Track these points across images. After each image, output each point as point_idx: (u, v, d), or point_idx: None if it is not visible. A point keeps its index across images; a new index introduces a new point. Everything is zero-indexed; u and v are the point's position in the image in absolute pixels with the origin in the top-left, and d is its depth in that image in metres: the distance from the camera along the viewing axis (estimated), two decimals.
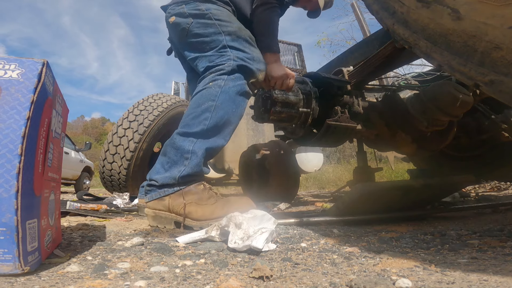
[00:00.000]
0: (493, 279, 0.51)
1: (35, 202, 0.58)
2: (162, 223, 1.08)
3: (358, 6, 2.52)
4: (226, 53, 1.16)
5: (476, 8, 0.62)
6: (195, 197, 1.06)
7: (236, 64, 1.14)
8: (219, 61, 1.16)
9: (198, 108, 1.11)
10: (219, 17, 1.22)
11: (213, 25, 1.20)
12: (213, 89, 1.12)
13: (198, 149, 1.09)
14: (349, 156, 9.62)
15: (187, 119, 1.12)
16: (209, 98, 1.11)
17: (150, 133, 2.34)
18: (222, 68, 1.14)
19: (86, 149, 7.97)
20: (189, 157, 1.08)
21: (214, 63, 1.16)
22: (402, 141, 1.49)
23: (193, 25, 1.22)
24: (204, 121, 1.09)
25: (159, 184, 1.08)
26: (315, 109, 1.42)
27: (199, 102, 1.12)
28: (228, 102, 1.12)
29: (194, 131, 1.09)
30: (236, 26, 1.23)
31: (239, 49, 1.18)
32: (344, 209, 1.17)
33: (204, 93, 1.12)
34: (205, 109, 1.10)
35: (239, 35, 1.21)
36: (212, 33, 1.19)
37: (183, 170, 1.07)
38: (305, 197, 3.36)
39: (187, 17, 1.23)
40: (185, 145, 1.08)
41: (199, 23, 1.21)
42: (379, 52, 1.29)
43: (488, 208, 1.47)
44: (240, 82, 1.15)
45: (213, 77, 1.14)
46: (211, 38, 1.19)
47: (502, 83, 0.62)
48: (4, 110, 0.54)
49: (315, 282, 0.53)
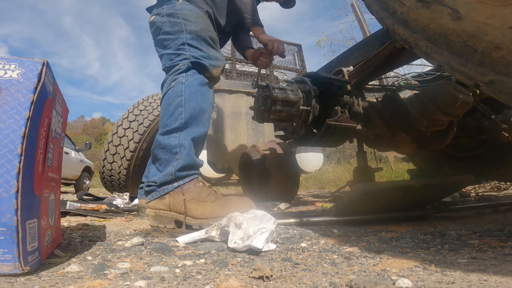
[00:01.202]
0: (493, 279, 0.51)
1: (35, 202, 0.58)
2: (162, 222, 1.08)
3: (358, 6, 2.52)
4: (183, 51, 1.24)
5: (476, 8, 0.62)
6: (195, 194, 1.08)
7: (191, 61, 1.22)
8: (176, 60, 1.24)
9: (170, 107, 1.17)
10: (186, 16, 1.30)
11: (179, 24, 1.28)
12: (177, 86, 1.19)
13: (184, 141, 1.14)
14: (349, 156, 9.62)
15: (164, 120, 1.18)
16: (176, 95, 1.18)
17: (150, 133, 2.34)
18: (179, 68, 1.22)
19: (86, 149, 7.97)
20: (178, 150, 1.12)
21: (172, 63, 1.24)
22: (402, 141, 1.49)
23: (165, 24, 1.30)
24: (180, 116, 1.15)
25: (158, 183, 1.11)
26: (315, 107, 1.42)
27: (169, 101, 1.18)
28: (194, 93, 1.19)
29: (174, 127, 1.14)
30: (199, 26, 1.30)
31: (197, 48, 1.26)
32: (344, 209, 1.16)
33: (170, 92, 1.19)
34: (177, 105, 1.16)
35: (199, 34, 1.28)
36: (177, 31, 1.27)
37: (177, 164, 1.11)
38: (305, 197, 3.36)
39: (163, 16, 1.31)
40: (170, 141, 1.13)
41: (169, 22, 1.29)
42: (379, 52, 1.29)
43: (488, 208, 1.47)
44: (198, 76, 1.23)
45: (172, 77, 1.21)
46: (175, 35, 1.27)
47: (502, 83, 0.62)
48: (4, 110, 0.54)
49: (315, 282, 0.53)
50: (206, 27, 1.34)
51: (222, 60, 1.34)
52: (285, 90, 1.39)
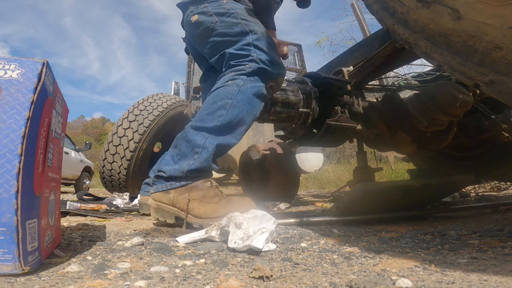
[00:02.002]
0: (493, 279, 0.51)
1: (35, 202, 0.58)
2: (163, 216, 1.07)
3: (358, 6, 2.52)
4: (250, 51, 1.17)
5: (476, 8, 0.62)
6: (200, 194, 1.06)
7: (257, 66, 1.15)
8: (242, 60, 1.17)
9: (214, 105, 1.12)
10: (245, 16, 1.23)
11: (239, 24, 1.20)
12: (231, 87, 1.13)
13: (209, 144, 1.09)
14: (349, 156, 9.63)
15: (202, 114, 1.13)
16: (226, 96, 1.12)
17: (150, 133, 2.34)
18: (243, 69, 1.15)
19: (86, 149, 7.98)
20: (200, 151, 1.08)
21: (236, 62, 1.17)
22: (402, 141, 1.49)
23: (218, 24, 1.21)
24: (218, 118, 1.10)
25: (166, 175, 1.07)
26: (315, 109, 1.42)
27: (216, 98, 1.13)
28: (244, 102, 1.13)
29: (208, 126, 1.10)
30: (262, 27, 1.24)
31: (263, 50, 1.18)
32: (344, 209, 1.17)
33: (222, 90, 1.13)
34: (221, 106, 1.11)
35: (264, 35, 1.22)
36: (238, 32, 1.19)
37: (192, 164, 1.07)
38: (305, 197, 3.36)
39: (211, 15, 1.22)
40: (197, 139, 1.09)
41: (224, 22, 1.21)
42: (379, 52, 1.30)
43: (488, 208, 1.47)
44: (258, 84, 1.16)
45: (232, 76, 1.15)
46: (236, 38, 1.19)
47: (502, 83, 0.62)
48: (4, 110, 0.54)
49: (315, 282, 0.53)
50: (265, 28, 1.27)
51: (284, 68, 1.27)
52: (285, 91, 1.39)
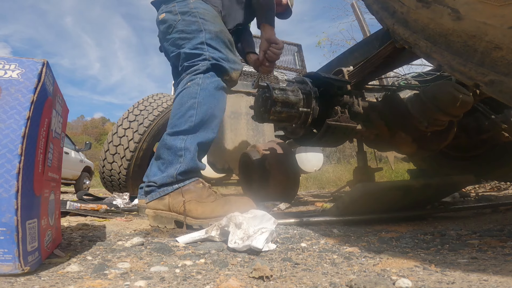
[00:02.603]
0: (493, 279, 0.51)
1: (35, 202, 0.58)
2: (162, 222, 1.08)
3: (358, 6, 2.52)
4: (203, 51, 1.22)
5: (476, 8, 0.62)
6: (195, 195, 1.07)
7: (211, 63, 1.20)
8: (195, 60, 1.21)
9: (182, 107, 1.16)
10: (203, 15, 1.28)
11: (196, 23, 1.25)
12: (192, 88, 1.17)
13: (190, 145, 1.12)
14: (349, 156, 9.62)
15: (174, 120, 1.16)
16: (190, 96, 1.16)
17: (150, 133, 2.33)
18: (198, 68, 1.20)
19: (86, 149, 7.97)
20: (183, 153, 1.11)
21: (190, 62, 1.22)
22: (402, 141, 1.49)
23: (180, 22, 1.27)
24: (190, 118, 1.14)
25: (158, 184, 1.10)
26: (315, 108, 1.41)
27: (182, 101, 1.17)
28: (209, 97, 1.18)
29: (183, 129, 1.13)
30: (218, 27, 1.29)
31: (216, 49, 1.24)
32: (344, 209, 1.16)
33: (185, 92, 1.18)
34: (189, 107, 1.15)
35: (219, 35, 1.26)
36: (194, 30, 1.25)
37: (179, 167, 1.10)
38: (305, 197, 3.36)
39: (176, 14, 1.28)
40: (176, 143, 1.12)
41: (185, 20, 1.26)
42: (379, 52, 1.29)
43: (488, 208, 1.47)
44: (216, 79, 1.21)
45: (190, 78, 1.19)
46: (192, 35, 1.24)
47: (502, 83, 0.62)
48: (4, 110, 0.54)
49: (315, 282, 0.53)
50: (224, 28, 1.32)
51: (240, 64, 1.32)
52: (285, 91, 1.39)
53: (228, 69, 1.24)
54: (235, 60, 1.29)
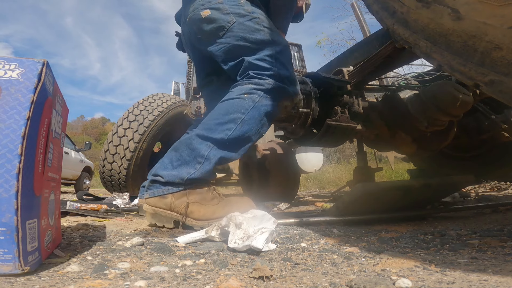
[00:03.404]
0: (493, 279, 0.51)
1: (35, 202, 0.58)
2: (161, 221, 1.06)
3: (358, 6, 2.52)
4: (271, 64, 1.13)
5: (476, 8, 0.62)
6: (199, 197, 1.05)
7: (277, 84, 1.12)
8: (262, 73, 1.12)
9: (225, 116, 1.08)
10: (268, 24, 1.18)
11: (262, 32, 1.15)
12: (247, 101, 1.09)
13: (213, 156, 1.06)
14: (349, 156, 9.63)
15: (211, 123, 1.09)
16: (239, 109, 1.08)
17: (150, 133, 2.34)
18: (262, 84, 1.11)
19: (86, 149, 7.98)
20: (202, 161, 1.06)
21: (255, 73, 1.12)
22: (402, 141, 1.49)
23: (236, 26, 1.14)
24: (227, 131, 1.07)
25: (164, 180, 1.05)
26: (315, 109, 1.42)
27: (229, 110, 1.09)
28: (255, 119, 1.10)
29: (214, 137, 1.07)
30: (285, 40, 1.19)
31: (284, 65, 1.15)
32: (344, 209, 1.17)
33: (237, 102, 1.09)
34: (232, 119, 1.08)
35: (287, 49, 1.18)
36: (260, 40, 1.14)
37: (192, 173, 1.05)
38: (305, 197, 3.36)
39: (228, 14, 1.15)
40: (201, 148, 1.06)
41: (244, 25, 1.15)
42: (379, 52, 1.30)
43: (488, 208, 1.47)
44: (274, 103, 1.13)
45: (249, 89, 1.10)
46: (258, 46, 1.14)
47: (502, 83, 0.62)
48: (4, 110, 0.54)
49: (315, 282, 0.53)
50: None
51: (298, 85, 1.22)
52: None
53: (292, 93, 1.16)
54: (296, 81, 1.19)
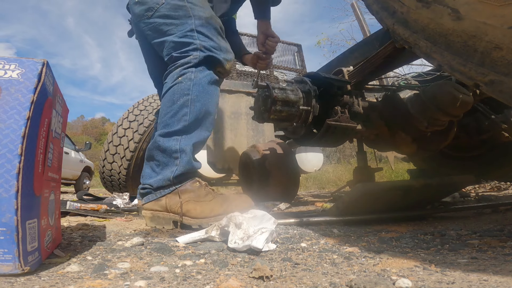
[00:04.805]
0: (493, 279, 0.51)
1: (35, 202, 0.58)
2: (160, 223, 1.07)
3: (358, 6, 2.52)
4: (193, 39, 1.13)
5: (476, 8, 0.62)
6: (192, 195, 1.06)
7: (203, 55, 1.12)
8: (186, 50, 1.12)
9: (174, 105, 1.09)
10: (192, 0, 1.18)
11: (184, 7, 1.16)
12: (184, 83, 1.10)
13: (185, 146, 1.08)
14: (349, 156, 9.63)
15: (166, 119, 1.10)
16: (182, 93, 1.09)
17: (150, 133, 2.34)
18: (189, 61, 1.11)
19: (86, 149, 7.98)
20: (179, 156, 1.07)
21: (180, 53, 1.13)
22: (402, 141, 1.49)
23: (163, 6, 1.16)
24: (184, 117, 1.08)
25: (154, 187, 1.07)
26: (315, 106, 1.41)
27: (173, 98, 1.10)
28: (202, 93, 1.11)
29: (176, 129, 1.08)
30: (208, 12, 1.20)
31: (207, 36, 1.15)
32: (344, 209, 1.16)
33: (176, 88, 1.10)
34: (182, 105, 1.08)
35: (209, 21, 1.17)
36: (181, 15, 1.15)
37: (175, 170, 1.06)
38: (305, 197, 3.36)
39: None
40: (171, 145, 1.07)
41: (169, 3, 1.16)
42: (379, 52, 1.29)
43: (488, 208, 1.47)
44: (209, 72, 1.14)
45: (180, 71, 1.11)
46: (180, 20, 1.15)
47: (502, 83, 0.62)
48: (4, 110, 0.54)
49: (315, 282, 0.53)
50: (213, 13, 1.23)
51: (232, 53, 1.24)
52: (285, 90, 1.39)
53: (222, 60, 1.16)
54: (227, 49, 1.20)
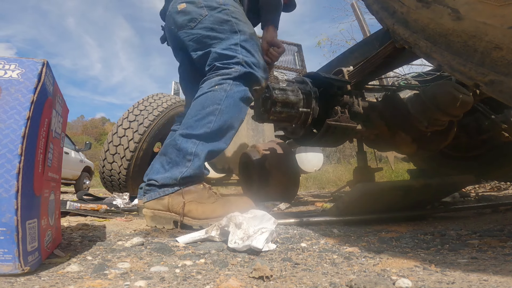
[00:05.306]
0: (493, 279, 0.51)
1: (35, 202, 0.58)
2: (161, 223, 1.07)
3: (358, 6, 2.52)
4: (236, 52, 1.16)
5: (476, 8, 0.62)
6: (195, 196, 1.06)
7: (244, 70, 1.14)
8: (228, 62, 1.15)
9: (202, 111, 1.11)
10: (236, 14, 1.22)
11: (230, 22, 1.19)
12: (219, 92, 1.11)
13: (201, 152, 1.09)
14: (349, 156, 9.63)
15: (191, 121, 1.11)
16: (214, 101, 1.11)
17: (150, 133, 2.34)
18: (229, 73, 1.13)
19: (86, 149, 7.98)
20: (192, 159, 1.08)
21: (221, 63, 1.15)
22: (402, 141, 1.49)
23: (207, 18, 1.19)
24: (208, 124, 1.09)
25: (159, 184, 1.08)
26: (315, 109, 1.42)
27: (204, 104, 1.11)
28: (232, 107, 1.12)
29: (198, 133, 1.09)
30: (251, 29, 1.24)
31: (249, 52, 1.18)
32: (344, 209, 1.17)
33: (210, 95, 1.12)
34: (210, 112, 1.10)
35: (252, 37, 1.21)
36: (227, 30, 1.18)
37: (185, 171, 1.07)
38: (305, 197, 3.36)
39: (201, 7, 1.20)
40: (188, 146, 1.08)
41: (213, 16, 1.19)
42: (379, 52, 1.29)
43: (488, 208, 1.47)
44: (244, 88, 1.15)
45: (218, 80, 1.13)
46: (225, 34, 1.18)
47: (502, 83, 0.62)
48: (4, 110, 0.54)
49: (315, 282, 0.53)
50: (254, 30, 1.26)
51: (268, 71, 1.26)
52: (285, 91, 1.39)
53: (260, 78, 1.18)
54: (265, 67, 1.23)
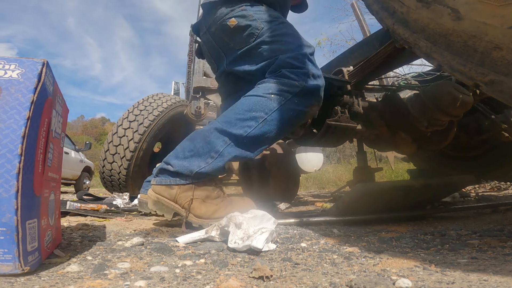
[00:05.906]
0: (493, 279, 0.51)
1: (35, 202, 0.58)
2: (161, 210, 1.04)
3: (358, 6, 2.53)
4: (305, 64, 1.09)
5: (476, 8, 0.62)
6: (204, 194, 1.04)
7: (312, 85, 1.07)
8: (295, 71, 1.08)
9: (248, 113, 1.04)
10: (294, 29, 1.18)
11: (292, 35, 1.15)
12: (272, 102, 1.05)
13: (227, 154, 1.04)
14: (349, 156, 9.63)
15: (233, 117, 1.05)
16: (263, 109, 1.04)
17: (150, 133, 2.34)
18: (294, 85, 1.06)
19: (86, 149, 7.98)
20: (216, 157, 1.03)
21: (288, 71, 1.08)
22: (402, 141, 1.49)
23: (265, 31, 1.13)
24: (246, 128, 1.03)
25: (173, 170, 1.03)
26: None
27: (252, 107, 1.05)
28: (278, 122, 1.06)
29: (233, 132, 1.03)
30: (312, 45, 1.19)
31: (316, 67, 1.12)
32: (344, 209, 1.17)
33: (262, 101, 1.05)
34: (254, 117, 1.04)
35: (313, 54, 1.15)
36: (291, 42, 1.13)
37: (203, 167, 1.02)
38: (305, 197, 3.36)
39: (254, 20, 1.14)
40: (217, 143, 1.03)
41: (272, 29, 1.14)
42: (379, 52, 1.29)
43: (488, 208, 1.47)
44: (300, 109, 1.08)
45: (278, 90, 1.06)
46: (290, 46, 1.12)
47: (502, 83, 0.62)
48: (4, 110, 0.54)
49: (315, 282, 0.53)
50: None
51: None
52: None
53: (321, 98, 1.11)
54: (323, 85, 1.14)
